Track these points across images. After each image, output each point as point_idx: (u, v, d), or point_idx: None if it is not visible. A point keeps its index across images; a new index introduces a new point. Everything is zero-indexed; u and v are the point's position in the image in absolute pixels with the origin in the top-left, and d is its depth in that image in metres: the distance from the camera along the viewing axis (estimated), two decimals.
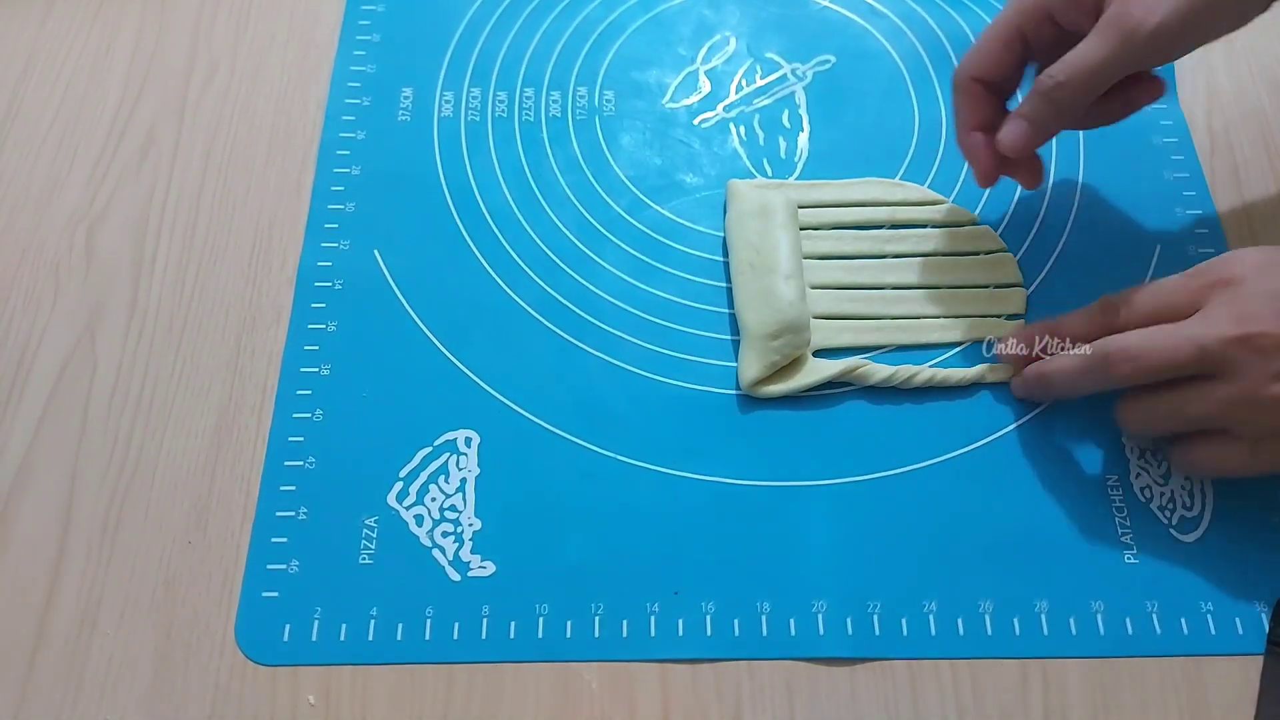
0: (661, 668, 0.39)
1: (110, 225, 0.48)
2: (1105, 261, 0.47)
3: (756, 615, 0.39)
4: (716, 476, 0.42)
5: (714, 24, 0.56)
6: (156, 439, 0.43)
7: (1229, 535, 0.41)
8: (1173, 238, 0.48)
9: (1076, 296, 0.44)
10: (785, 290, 0.44)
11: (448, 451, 0.43)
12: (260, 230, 0.48)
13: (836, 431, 0.43)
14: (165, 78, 0.53)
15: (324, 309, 0.46)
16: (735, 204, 0.48)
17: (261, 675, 0.38)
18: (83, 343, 0.45)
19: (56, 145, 0.51)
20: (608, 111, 0.53)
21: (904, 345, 0.45)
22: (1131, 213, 0.48)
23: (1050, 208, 0.49)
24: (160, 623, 0.39)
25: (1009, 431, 0.43)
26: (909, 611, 0.39)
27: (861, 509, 0.41)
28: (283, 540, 0.41)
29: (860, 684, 0.38)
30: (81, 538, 0.41)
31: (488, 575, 0.40)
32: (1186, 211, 0.49)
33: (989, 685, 0.38)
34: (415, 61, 0.54)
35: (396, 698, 0.38)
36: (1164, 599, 0.40)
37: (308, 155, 0.51)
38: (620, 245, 0.48)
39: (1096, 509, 0.41)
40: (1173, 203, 0.49)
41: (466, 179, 0.50)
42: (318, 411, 0.43)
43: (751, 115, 0.52)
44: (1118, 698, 0.38)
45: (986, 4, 0.56)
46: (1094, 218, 0.48)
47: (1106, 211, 0.48)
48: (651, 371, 0.45)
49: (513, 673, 0.38)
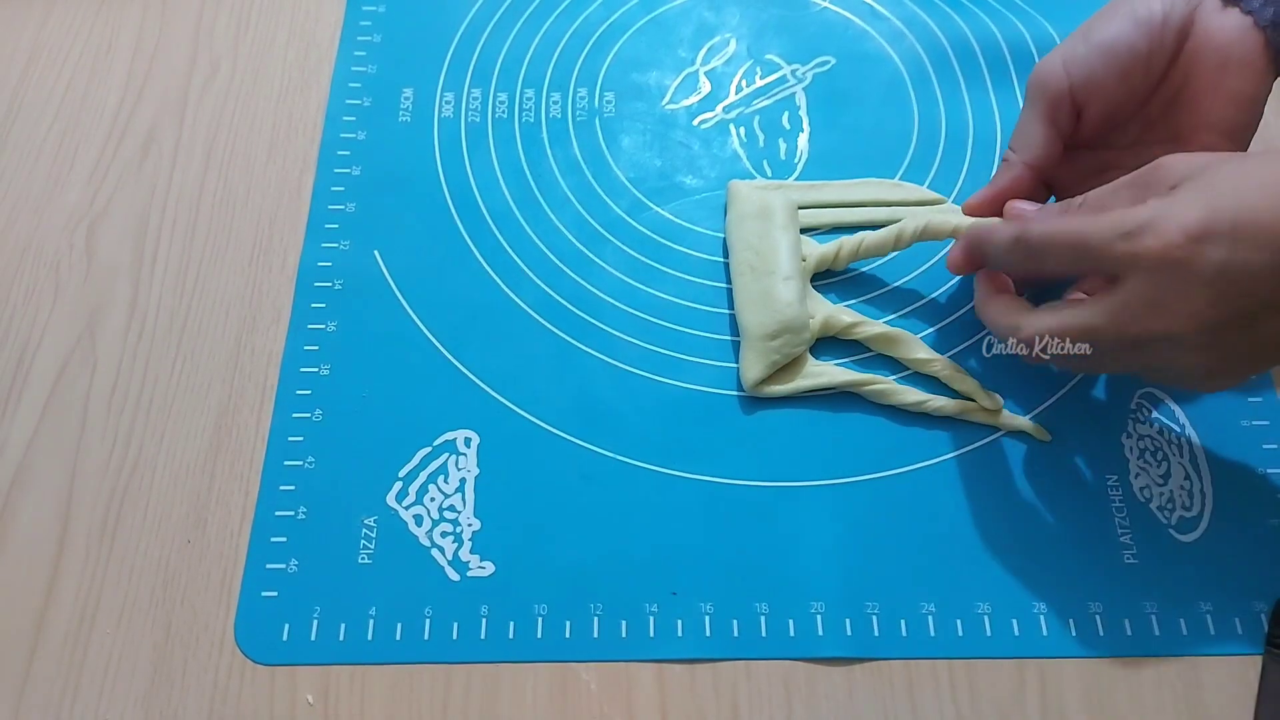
0: (660, 668, 0.39)
1: (110, 225, 0.48)
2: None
3: (755, 616, 0.39)
4: (715, 477, 0.42)
5: (714, 25, 0.56)
6: (156, 438, 0.43)
7: (1228, 535, 0.41)
8: None
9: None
10: (784, 291, 0.44)
11: (447, 452, 0.43)
12: (260, 230, 0.48)
13: (835, 432, 0.43)
14: (166, 77, 0.53)
15: (324, 309, 0.46)
16: (735, 205, 0.48)
17: (260, 675, 0.38)
18: (83, 342, 0.45)
19: (57, 144, 0.51)
20: (608, 113, 0.53)
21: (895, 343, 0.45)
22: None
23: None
24: (159, 622, 0.39)
25: (1008, 432, 0.43)
26: (907, 612, 0.39)
27: (860, 510, 0.41)
28: (282, 540, 0.41)
29: (858, 684, 0.38)
30: (81, 536, 0.41)
31: (487, 575, 0.40)
32: None
33: (987, 686, 0.38)
34: (416, 62, 0.54)
35: (395, 697, 0.38)
36: (1163, 599, 0.40)
37: (308, 155, 0.51)
38: (620, 246, 0.48)
39: (1096, 509, 0.41)
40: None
41: (467, 180, 0.50)
42: (317, 411, 0.43)
43: (751, 116, 0.52)
44: (1116, 698, 0.38)
45: (987, 5, 0.56)
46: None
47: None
48: (651, 372, 0.45)
49: (511, 673, 0.38)
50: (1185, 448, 0.43)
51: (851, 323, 0.45)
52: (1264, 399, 0.44)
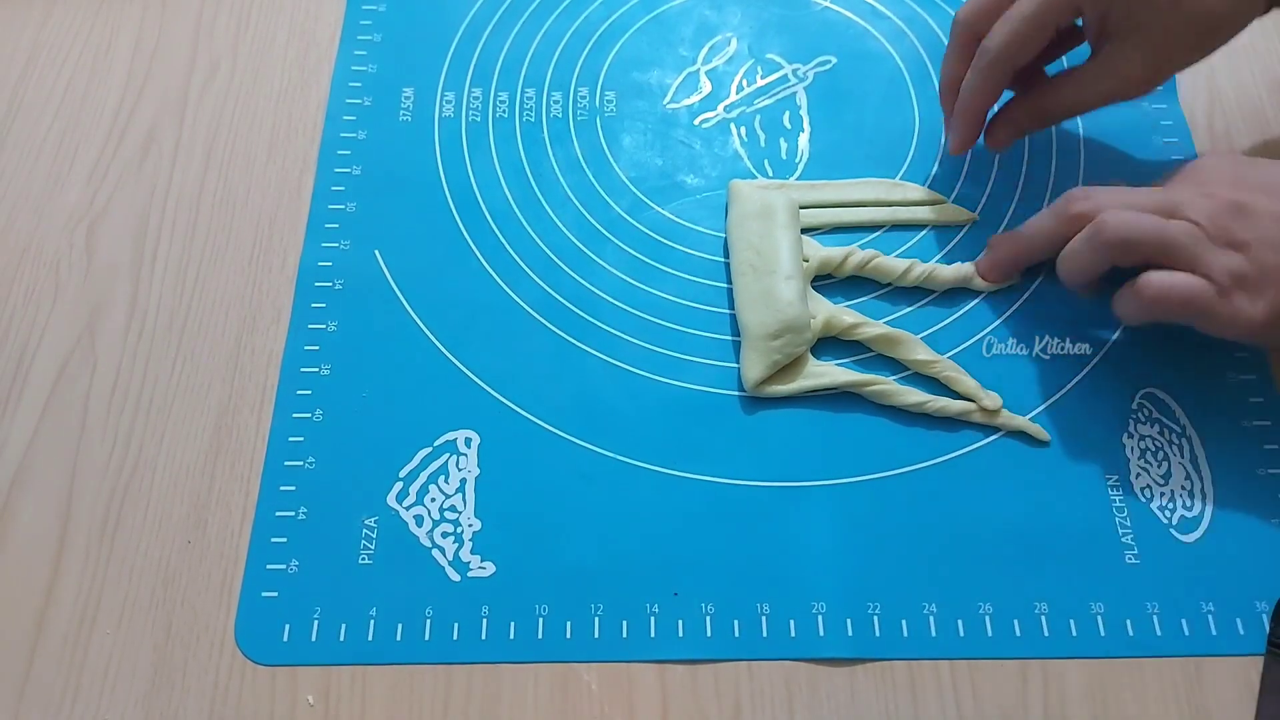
0: (661, 668, 0.39)
1: (110, 224, 0.48)
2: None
3: (756, 616, 0.39)
4: (716, 477, 0.42)
5: (715, 25, 0.56)
6: (156, 438, 0.43)
7: (1229, 535, 0.41)
8: None
9: (1076, 296, 0.44)
10: (785, 291, 0.44)
11: (447, 452, 0.43)
12: (260, 230, 0.48)
13: (836, 432, 0.43)
14: (166, 77, 0.53)
15: (324, 309, 0.46)
16: (737, 205, 0.48)
17: (261, 675, 0.38)
18: (82, 342, 0.45)
19: (57, 144, 0.51)
20: (609, 112, 0.53)
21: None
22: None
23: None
24: (159, 622, 0.39)
25: (1009, 432, 0.43)
26: (909, 612, 0.39)
27: (861, 510, 0.41)
28: (282, 540, 0.41)
29: (860, 685, 0.38)
30: (81, 537, 0.41)
31: (487, 576, 0.40)
32: None
33: (989, 686, 0.38)
34: (416, 61, 0.54)
35: (395, 698, 0.38)
36: (1164, 599, 0.40)
37: (308, 155, 0.51)
38: (621, 246, 0.48)
39: (1097, 509, 0.41)
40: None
41: (467, 179, 0.50)
42: (318, 411, 0.43)
43: (752, 116, 0.52)
44: (1118, 698, 0.38)
45: None
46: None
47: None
48: (651, 372, 0.45)
49: (512, 673, 0.38)
50: (1186, 448, 0.43)
51: (852, 323, 0.44)
52: (1264, 399, 0.44)
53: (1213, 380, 0.44)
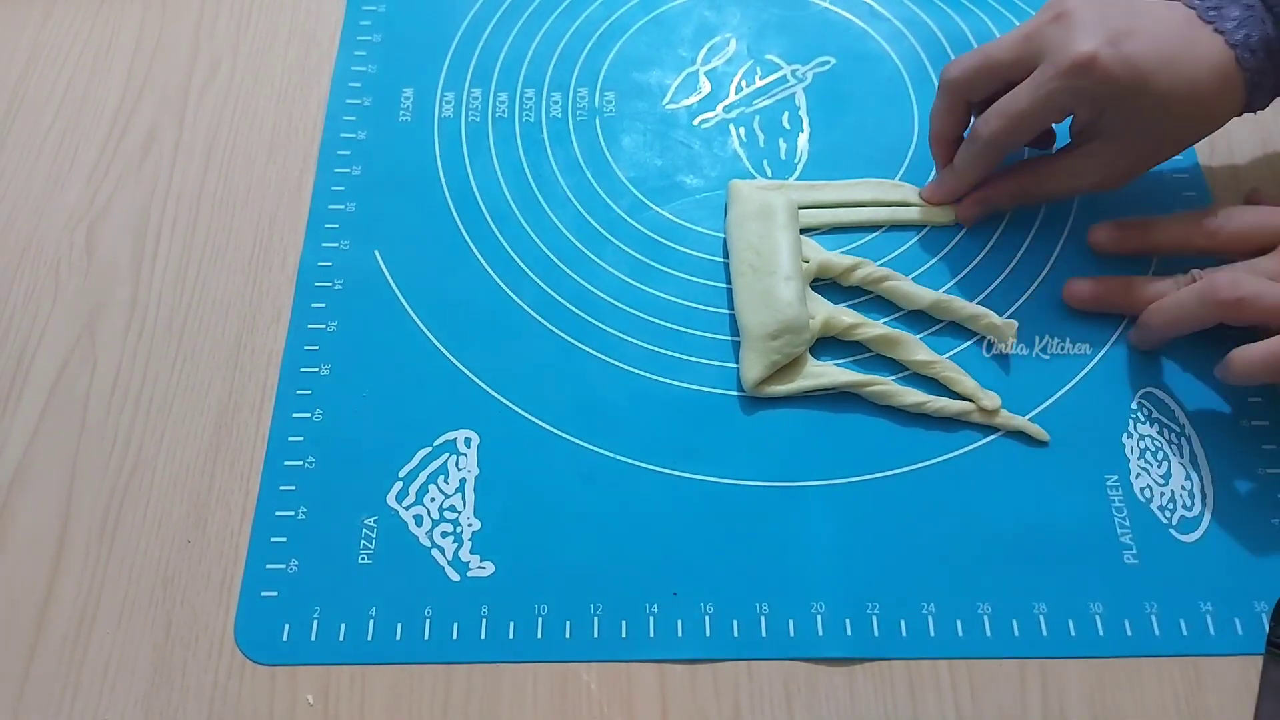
0: (660, 668, 0.39)
1: (110, 224, 0.48)
2: (1104, 261, 0.47)
3: (755, 616, 0.39)
4: (715, 477, 0.42)
5: (714, 25, 0.56)
6: (156, 437, 0.43)
7: (1229, 535, 0.41)
8: None
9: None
10: (785, 291, 0.44)
11: (447, 452, 0.43)
12: (260, 229, 0.48)
13: (835, 432, 0.43)
14: (166, 76, 0.53)
15: (324, 309, 0.46)
16: (736, 205, 0.48)
17: (260, 675, 0.38)
18: (82, 341, 0.45)
19: (57, 144, 0.51)
20: (608, 112, 0.53)
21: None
22: (1131, 213, 0.48)
23: (1049, 208, 0.49)
24: (159, 622, 0.39)
25: (1009, 432, 0.43)
26: (908, 612, 0.39)
27: (860, 510, 0.41)
28: (282, 540, 0.41)
29: (859, 685, 0.38)
30: (80, 536, 0.41)
31: (487, 575, 0.40)
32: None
33: (988, 686, 0.38)
34: (416, 62, 0.54)
35: (395, 698, 0.38)
36: (1163, 599, 0.40)
37: (308, 155, 0.51)
38: (620, 246, 0.48)
39: (1096, 509, 0.41)
40: (1172, 203, 0.49)
41: (467, 179, 0.50)
42: (317, 411, 0.43)
43: (751, 116, 0.52)
44: (1117, 698, 0.38)
45: (986, 6, 0.56)
46: (1092, 218, 0.48)
47: (1105, 212, 0.48)
48: (651, 372, 0.45)
49: (511, 673, 0.38)
50: (1185, 448, 0.43)
51: (852, 323, 0.45)
52: (1264, 399, 0.44)
53: (1213, 380, 0.44)
